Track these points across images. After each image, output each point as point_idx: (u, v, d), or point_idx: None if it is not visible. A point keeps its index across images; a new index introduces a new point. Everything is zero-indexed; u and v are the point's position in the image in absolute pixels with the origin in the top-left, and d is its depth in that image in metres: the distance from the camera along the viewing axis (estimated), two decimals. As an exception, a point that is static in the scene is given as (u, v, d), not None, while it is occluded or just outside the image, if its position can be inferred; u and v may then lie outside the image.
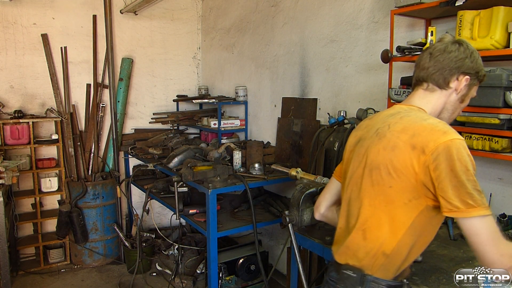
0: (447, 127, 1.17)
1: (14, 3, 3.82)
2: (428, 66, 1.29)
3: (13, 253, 3.59)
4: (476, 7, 1.82)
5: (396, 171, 1.18)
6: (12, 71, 3.89)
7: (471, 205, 1.08)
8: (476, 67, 1.28)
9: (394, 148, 1.19)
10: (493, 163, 2.06)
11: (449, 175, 1.10)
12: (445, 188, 1.11)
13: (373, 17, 2.66)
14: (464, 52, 1.26)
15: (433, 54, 1.29)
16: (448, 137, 1.12)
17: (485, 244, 1.09)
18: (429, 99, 1.31)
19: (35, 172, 3.78)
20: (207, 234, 2.77)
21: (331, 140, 2.59)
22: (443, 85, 1.28)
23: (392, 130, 1.23)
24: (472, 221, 1.09)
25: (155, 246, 4.10)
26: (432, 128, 1.16)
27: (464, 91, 1.30)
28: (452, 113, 1.34)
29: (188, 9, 4.76)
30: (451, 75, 1.27)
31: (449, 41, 1.30)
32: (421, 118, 1.22)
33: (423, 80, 1.32)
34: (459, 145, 1.12)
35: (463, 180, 1.09)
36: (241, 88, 4.00)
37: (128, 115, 4.48)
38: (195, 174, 2.82)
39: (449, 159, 1.11)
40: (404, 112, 1.28)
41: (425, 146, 1.13)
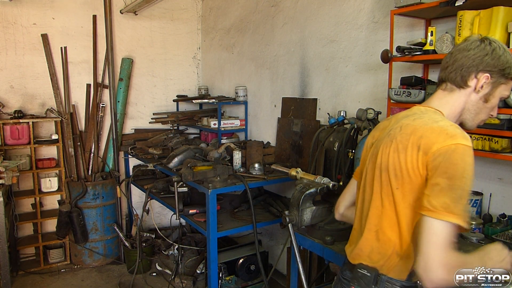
0: (457, 131, 1.14)
1: (14, 3, 3.82)
2: (447, 66, 1.28)
3: (13, 253, 3.59)
4: (476, 7, 1.82)
5: (403, 173, 1.18)
6: (12, 71, 3.89)
7: (451, 210, 1.07)
8: (499, 64, 1.21)
9: (403, 150, 1.19)
10: (493, 163, 2.06)
11: (442, 178, 1.09)
12: (433, 188, 1.10)
13: (373, 17, 2.66)
14: (484, 49, 1.22)
15: (453, 53, 1.27)
16: (453, 141, 1.11)
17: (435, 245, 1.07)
18: (448, 100, 1.28)
19: (35, 172, 3.78)
20: (207, 234, 2.77)
21: (331, 140, 2.59)
22: (461, 84, 1.25)
23: (402, 132, 1.22)
24: (438, 222, 1.08)
25: (155, 246, 4.10)
26: (440, 131, 1.14)
27: (486, 90, 1.24)
28: (476, 114, 1.29)
29: (188, 9, 4.76)
30: (469, 73, 1.23)
31: (473, 39, 1.26)
32: (433, 120, 1.20)
33: (442, 81, 1.30)
34: (463, 151, 1.10)
35: (454, 186, 1.08)
36: (241, 88, 4.00)
37: (128, 115, 4.48)
38: (195, 174, 2.82)
39: (448, 162, 1.10)
40: (420, 114, 1.27)
41: (429, 147, 1.13)
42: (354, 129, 2.47)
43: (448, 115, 1.27)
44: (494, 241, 1.77)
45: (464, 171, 1.09)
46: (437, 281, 1.07)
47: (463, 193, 1.09)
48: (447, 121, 1.20)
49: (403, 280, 1.24)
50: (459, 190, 1.08)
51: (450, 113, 1.28)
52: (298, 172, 2.38)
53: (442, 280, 1.07)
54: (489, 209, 2.03)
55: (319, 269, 2.78)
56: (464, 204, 1.08)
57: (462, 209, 1.08)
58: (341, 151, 2.47)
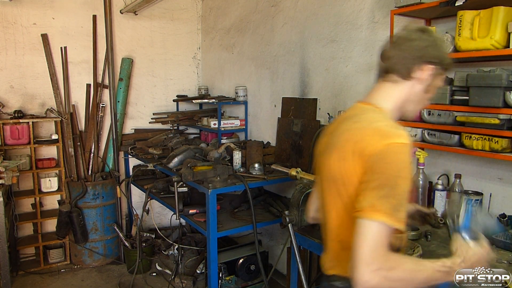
0: (392, 130, 1.10)
1: (14, 3, 3.82)
2: (391, 56, 1.24)
3: (13, 253, 3.59)
4: (476, 7, 1.82)
5: (349, 181, 1.14)
6: (12, 71, 3.89)
7: (376, 209, 1.02)
8: (440, 55, 1.22)
9: (344, 158, 1.14)
10: (493, 163, 2.06)
11: (371, 177, 1.06)
12: (364, 188, 1.06)
13: (373, 17, 2.66)
14: (427, 39, 1.20)
15: (396, 42, 1.24)
16: (387, 140, 1.06)
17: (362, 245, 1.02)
18: (391, 92, 1.25)
19: (35, 172, 3.78)
20: (207, 234, 2.77)
21: (331, 140, 2.59)
22: (406, 76, 1.22)
23: (342, 139, 1.18)
24: (366, 221, 1.03)
25: (155, 246, 4.10)
26: (374, 132, 1.10)
27: (428, 81, 1.22)
28: (418, 105, 1.28)
29: (188, 9, 4.76)
30: (414, 64, 1.20)
31: (413, 29, 1.24)
32: (369, 121, 1.16)
33: (386, 71, 1.26)
34: (397, 150, 1.06)
35: (384, 184, 1.04)
36: (241, 88, 4.00)
37: (128, 115, 4.48)
38: (195, 174, 2.82)
39: (380, 162, 1.05)
40: (359, 114, 1.22)
41: (363, 150, 1.09)
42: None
43: (391, 109, 1.24)
44: (494, 241, 1.76)
45: (396, 170, 1.05)
46: (363, 284, 1.00)
47: (393, 192, 1.03)
48: (383, 121, 1.15)
49: None
50: (388, 189, 1.03)
51: (393, 107, 1.25)
52: (298, 172, 2.39)
53: (369, 282, 1.00)
54: (489, 209, 2.03)
55: (319, 269, 2.79)
56: (394, 203, 1.02)
57: (390, 207, 1.02)
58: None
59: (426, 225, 1.61)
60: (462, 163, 2.21)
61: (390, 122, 1.15)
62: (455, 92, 1.92)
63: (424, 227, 1.97)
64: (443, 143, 1.97)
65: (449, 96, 1.92)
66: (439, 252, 1.69)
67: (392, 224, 1.02)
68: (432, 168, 2.34)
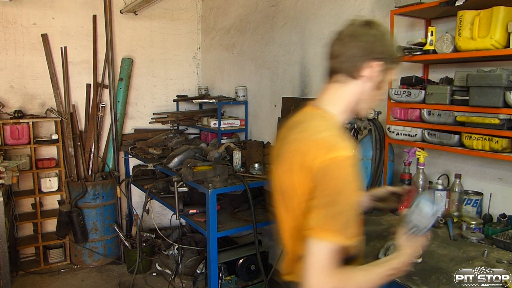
0: (337, 142, 1.05)
1: (14, 3, 3.82)
2: (338, 54, 1.17)
3: (13, 253, 3.58)
4: (476, 7, 1.82)
5: (296, 195, 1.11)
6: (12, 71, 3.89)
7: (327, 228, 1.00)
8: (388, 50, 1.17)
9: (291, 170, 1.10)
10: (493, 163, 2.06)
11: (320, 194, 1.03)
12: (312, 206, 1.04)
13: (373, 17, 2.66)
14: (374, 35, 1.15)
15: (342, 40, 1.17)
16: (332, 154, 1.02)
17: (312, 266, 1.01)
18: (341, 94, 1.19)
19: (35, 172, 3.78)
20: (207, 234, 2.77)
21: (331, 140, 2.59)
22: (355, 75, 1.16)
23: (289, 150, 1.13)
24: (315, 242, 1.01)
25: (155, 246, 4.10)
26: (319, 145, 1.05)
27: (379, 78, 1.17)
28: (370, 103, 1.23)
29: (188, 9, 4.76)
30: (363, 62, 1.14)
31: (359, 23, 1.17)
32: (316, 130, 1.10)
33: (334, 71, 1.19)
34: (341, 164, 1.02)
35: (332, 202, 1.01)
36: (241, 88, 3.99)
37: (128, 115, 4.48)
38: (195, 174, 2.82)
39: (326, 178, 1.02)
40: (308, 122, 1.17)
41: (311, 164, 1.05)
42: (354, 129, 2.47)
43: (342, 111, 1.20)
44: (494, 241, 1.77)
45: (343, 184, 1.02)
46: None
47: (342, 208, 1.01)
48: (329, 130, 1.10)
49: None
50: (337, 206, 1.01)
51: (344, 108, 1.20)
52: (298, 172, 2.38)
53: None
54: (489, 209, 2.03)
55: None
56: (343, 220, 1.01)
57: (340, 225, 1.00)
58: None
59: None
60: (462, 163, 2.21)
61: (336, 131, 1.10)
62: (455, 92, 1.92)
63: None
64: (443, 143, 1.97)
65: (449, 96, 1.92)
66: (439, 252, 1.69)
67: (343, 242, 1.01)
68: (432, 168, 2.34)
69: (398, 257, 1.16)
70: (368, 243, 1.78)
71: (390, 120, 2.23)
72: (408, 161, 2.16)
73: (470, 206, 2.06)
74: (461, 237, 1.84)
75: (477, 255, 1.65)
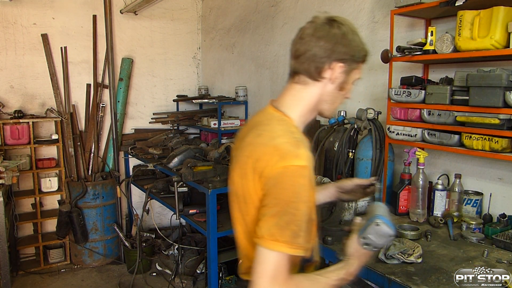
0: (291, 150, 1.02)
1: (14, 3, 3.82)
2: (299, 54, 1.13)
3: (13, 253, 3.59)
4: (476, 7, 1.82)
5: (249, 200, 1.10)
6: (12, 71, 3.89)
7: (276, 238, 0.99)
8: (350, 50, 1.12)
9: (245, 175, 1.09)
10: (493, 163, 2.06)
11: (271, 202, 1.01)
12: (263, 214, 1.02)
13: (373, 17, 2.66)
14: (335, 35, 1.10)
15: (303, 39, 1.13)
16: (284, 163, 1.00)
17: (261, 274, 1.00)
18: (302, 96, 1.17)
19: (35, 172, 3.78)
20: (207, 234, 2.77)
21: (331, 140, 2.59)
22: (316, 77, 1.13)
23: (244, 153, 1.11)
24: (265, 251, 1.00)
25: (155, 246, 4.10)
26: (273, 151, 1.03)
27: (341, 79, 1.15)
28: (333, 103, 1.20)
29: (188, 9, 4.76)
30: (324, 64, 1.11)
31: (321, 22, 1.14)
32: (270, 136, 1.07)
33: (296, 72, 1.17)
34: (293, 173, 1.00)
35: (281, 211, 1.00)
36: (241, 88, 4.00)
37: (128, 115, 4.48)
38: (195, 174, 2.82)
39: (277, 187, 1.01)
40: (264, 125, 1.13)
41: (263, 171, 1.03)
42: (354, 129, 2.47)
43: (302, 114, 1.18)
44: (494, 241, 1.77)
45: (293, 194, 1.00)
46: None
47: (293, 218, 0.99)
48: (285, 136, 1.07)
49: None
50: (287, 216, 0.99)
51: (304, 111, 1.18)
52: (298, 172, 2.38)
53: None
54: (489, 209, 2.03)
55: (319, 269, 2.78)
56: (292, 231, 0.99)
57: (289, 235, 0.99)
58: (341, 151, 2.47)
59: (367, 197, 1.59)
60: (462, 163, 2.21)
61: (291, 138, 1.07)
62: (455, 92, 1.92)
63: (424, 227, 1.98)
64: (443, 143, 1.97)
65: (449, 96, 1.92)
66: (439, 252, 1.69)
67: (293, 252, 1.00)
68: (432, 168, 2.34)
69: (346, 267, 1.14)
70: (368, 243, 1.78)
71: (390, 120, 2.23)
72: (408, 161, 2.16)
73: (470, 206, 2.06)
74: (461, 237, 1.84)
75: (477, 255, 1.65)
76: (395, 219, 2.13)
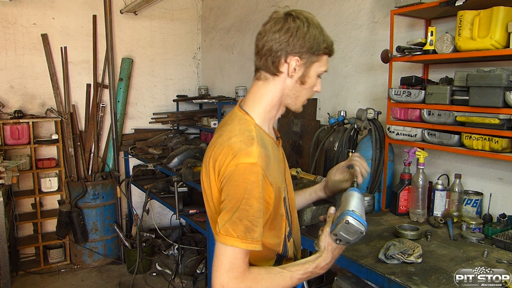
0: (243, 149, 1.05)
1: (14, 3, 3.82)
2: (257, 50, 1.16)
3: (13, 253, 3.59)
4: (476, 7, 1.82)
5: (210, 197, 1.16)
6: (12, 71, 3.89)
7: (229, 233, 1.02)
8: (306, 43, 1.12)
9: (208, 174, 1.14)
10: (493, 163, 2.06)
11: (226, 199, 1.05)
12: (220, 211, 1.07)
13: (373, 17, 2.66)
14: (288, 29, 1.11)
15: (262, 34, 1.15)
16: (235, 161, 1.04)
17: (218, 267, 1.03)
18: (263, 92, 1.18)
19: (35, 172, 3.78)
20: (207, 234, 2.77)
21: (331, 140, 2.59)
22: (274, 71, 1.15)
23: (207, 155, 1.16)
24: (221, 246, 1.04)
25: (155, 246, 4.10)
26: (227, 151, 1.07)
27: (300, 73, 1.15)
28: (297, 98, 1.21)
29: (188, 9, 4.76)
30: (279, 58, 1.12)
31: (277, 17, 1.14)
32: (228, 136, 1.11)
33: (257, 69, 1.19)
34: (243, 170, 1.03)
35: (234, 207, 1.03)
36: (241, 88, 3.99)
37: (128, 115, 4.48)
38: (195, 174, 2.82)
39: (230, 184, 1.05)
40: (228, 124, 1.17)
41: (219, 170, 1.08)
42: (354, 129, 2.47)
43: (265, 110, 1.19)
44: (494, 241, 1.77)
45: (245, 191, 1.03)
46: None
47: (246, 214, 1.03)
48: (240, 135, 1.09)
49: None
50: (240, 212, 1.03)
51: (267, 107, 1.19)
52: (298, 172, 2.39)
53: None
54: (489, 209, 2.03)
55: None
56: (247, 225, 1.03)
57: (243, 230, 1.02)
58: (341, 151, 2.47)
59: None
60: (462, 163, 2.21)
61: (246, 136, 1.09)
62: (455, 92, 1.92)
63: (424, 227, 1.98)
64: (443, 143, 1.97)
65: (449, 96, 1.92)
66: (439, 252, 1.69)
67: (245, 247, 1.03)
68: (432, 168, 2.34)
69: (316, 261, 1.15)
70: (368, 243, 1.78)
71: (390, 120, 2.23)
72: (408, 161, 2.16)
73: (470, 206, 2.06)
74: (461, 237, 1.84)
75: (477, 255, 1.65)
76: (395, 219, 2.13)
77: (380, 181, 2.33)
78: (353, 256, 1.65)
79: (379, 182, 2.33)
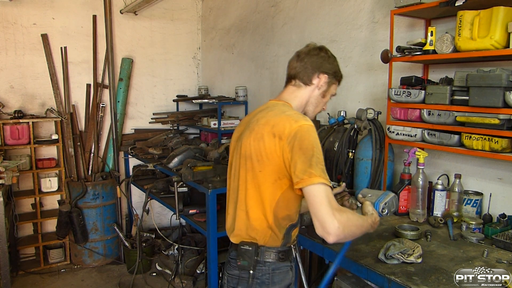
0: (300, 117, 1.38)
1: (14, 3, 3.82)
2: (295, 66, 1.55)
3: (13, 253, 3.59)
4: (476, 7, 1.82)
5: (263, 157, 1.38)
6: (12, 71, 3.89)
7: (312, 174, 1.25)
8: (333, 68, 1.55)
9: (261, 138, 1.39)
10: (493, 163, 2.06)
11: (298, 153, 1.29)
12: (295, 164, 1.29)
13: (373, 17, 2.66)
14: (323, 56, 1.53)
15: (300, 56, 1.55)
16: (298, 123, 1.34)
17: (320, 203, 1.22)
18: (296, 94, 1.55)
19: (35, 172, 3.78)
20: (207, 234, 2.77)
21: (331, 140, 2.59)
22: (307, 82, 1.53)
23: (259, 123, 1.44)
24: (312, 187, 1.24)
25: (155, 246, 4.10)
26: (287, 118, 1.37)
27: (324, 88, 1.55)
28: (316, 107, 1.58)
29: (188, 9, 4.76)
30: (313, 73, 1.52)
31: (312, 47, 1.56)
32: (281, 111, 1.43)
33: (292, 77, 1.56)
34: (307, 129, 1.33)
35: (308, 156, 1.28)
36: (241, 88, 4.00)
37: (128, 115, 4.48)
38: (195, 174, 2.82)
39: (298, 140, 1.30)
40: (271, 107, 1.51)
41: (282, 133, 1.34)
42: (354, 129, 2.47)
43: (296, 107, 1.53)
44: (494, 241, 1.77)
45: (313, 144, 1.31)
46: (335, 231, 1.20)
47: (317, 159, 1.28)
48: (292, 111, 1.44)
49: (278, 247, 1.46)
50: (314, 158, 1.28)
51: (297, 105, 1.54)
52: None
53: (339, 229, 1.20)
54: (489, 209, 2.03)
55: (319, 269, 2.78)
56: (321, 168, 1.28)
57: (321, 171, 1.27)
58: (341, 151, 2.47)
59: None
60: (462, 163, 2.21)
61: (297, 112, 1.45)
62: (455, 92, 1.92)
63: (424, 227, 1.98)
64: (443, 143, 1.97)
65: (449, 96, 1.92)
66: (439, 252, 1.69)
67: (327, 183, 1.26)
68: (432, 168, 2.34)
69: (372, 216, 1.43)
70: (368, 243, 1.78)
71: (390, 120, 2.23)
72: (408, 161, 2.16)
73: (470, 206, 2.06)
74: (461, 237, 1.84)
75: (477, 255, 1.65)
76: (395, 219, 2.13)
77: (380, 181, 2.33)
78: (353, 256, 1.65)
79: (379, 182, 2.33)
